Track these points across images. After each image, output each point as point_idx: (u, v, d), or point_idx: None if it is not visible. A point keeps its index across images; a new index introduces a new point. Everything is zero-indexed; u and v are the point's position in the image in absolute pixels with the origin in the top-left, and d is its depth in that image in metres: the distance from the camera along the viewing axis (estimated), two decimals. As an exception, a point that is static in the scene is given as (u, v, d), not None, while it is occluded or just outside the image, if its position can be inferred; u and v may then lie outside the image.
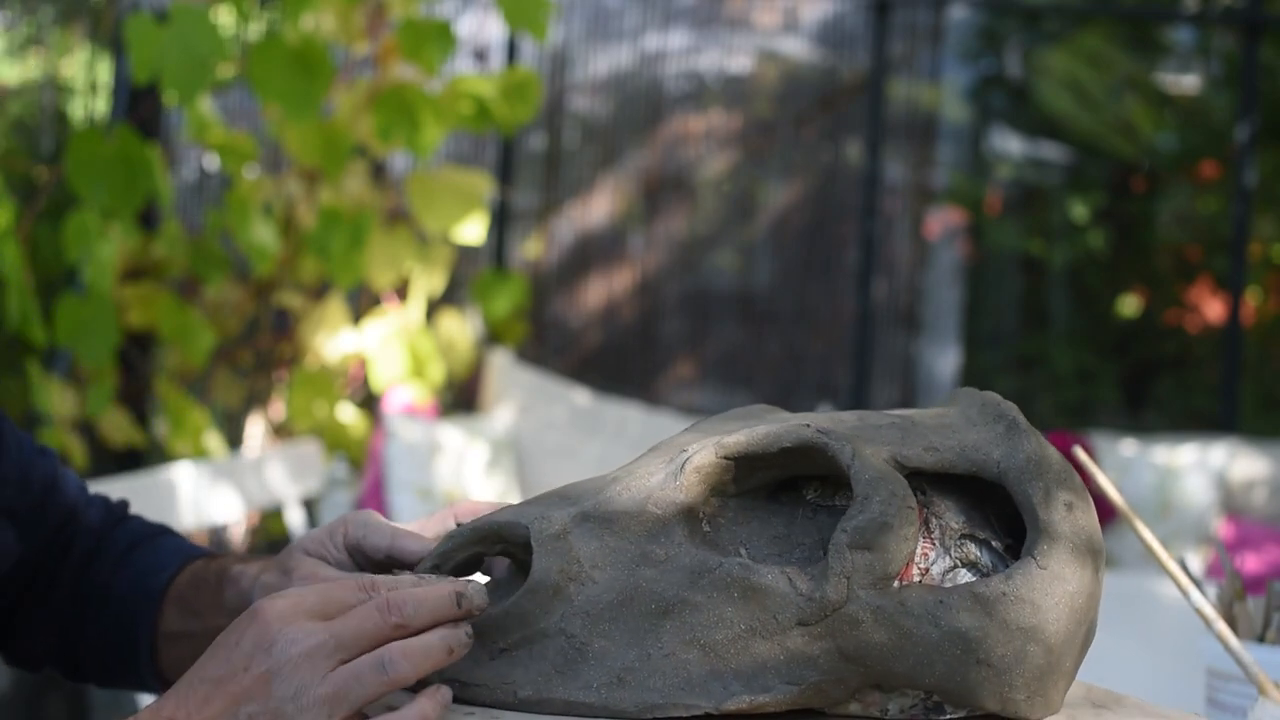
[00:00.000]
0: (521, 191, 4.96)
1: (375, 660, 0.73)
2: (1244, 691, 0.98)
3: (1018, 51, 5.64)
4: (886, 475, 0.78)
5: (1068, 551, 0.79)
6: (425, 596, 0.75)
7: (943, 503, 0.81)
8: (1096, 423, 5.15)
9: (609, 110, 5.05)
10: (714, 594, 0.77)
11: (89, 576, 1.04)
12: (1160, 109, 5.63)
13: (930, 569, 0.79)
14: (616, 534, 0.80)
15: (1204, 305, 5.62)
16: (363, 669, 0.72)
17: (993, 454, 0.81)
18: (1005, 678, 0.77)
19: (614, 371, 4.93)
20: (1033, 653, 0.78)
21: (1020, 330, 5.68)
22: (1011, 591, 0.77)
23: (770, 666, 0.77)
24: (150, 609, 1.01)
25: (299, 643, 0.72)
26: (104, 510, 1.08)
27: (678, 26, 5.02)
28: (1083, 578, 0.80)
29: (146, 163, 2.77)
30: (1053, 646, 0.78)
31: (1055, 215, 5.68)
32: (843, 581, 0.76)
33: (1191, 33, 5.54)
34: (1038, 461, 0.81)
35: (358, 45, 3.37)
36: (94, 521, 1.06)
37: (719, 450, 0.80)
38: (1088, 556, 0.80)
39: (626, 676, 0.78)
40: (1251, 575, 3.34)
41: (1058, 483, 0.81)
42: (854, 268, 4.70)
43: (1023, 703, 0.78)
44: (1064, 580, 0.79)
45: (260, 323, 3.76)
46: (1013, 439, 0.82)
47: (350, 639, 0.73)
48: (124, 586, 1.02)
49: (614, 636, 0.79)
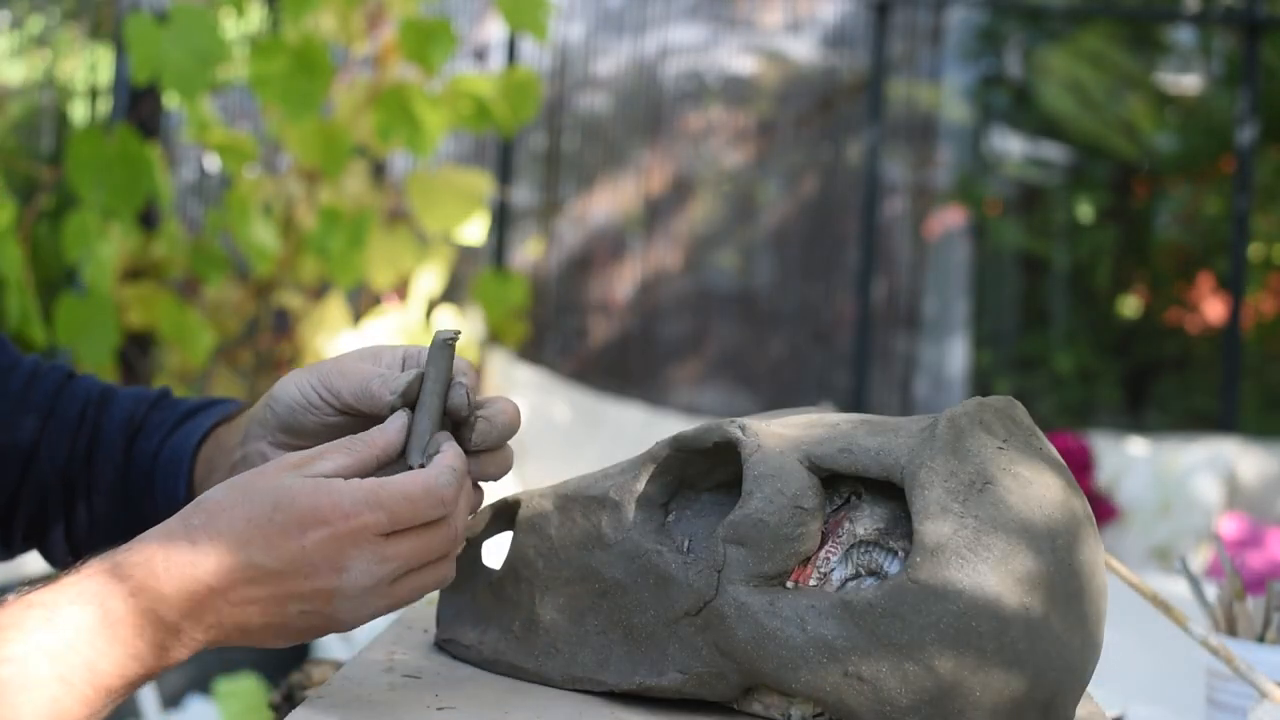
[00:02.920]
0: (521, 191, 4.96)
1: (438, 579, 0.78)
2: (1244, 691, 0.98)
3: (1018, 51, 5.63)
4: (779, 473, 0.77)
5: (955, 569, 0.72)
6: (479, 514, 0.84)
7: (869, 508, 0.78)
8: (1097, 423, 5.15)
9: (610, 110, 5.05)
10: (639, 579, 0.81)
11: (135, 460, 1.00)
12: (1161, 109, 5.63)
13: (830, 574, 0.77)
14: (584, 516, 0.85)
15: (1204, 305, 5.62)
16: (423, 588, 0.77)
17: (901, 459, 0.76)
18: (885, 695, 0.73)
19: (615, 371, 4.93)
20: (913, 672, 0.72)
21: (1021, 330, 5.68)
22: (879, 604, 0.72)
23: (669, 653, 0.80)
24: (184, 467, 0.98)
25: (372, 572, 0.74)
26: (134, 400, 1.03)
27: (679, 26, 5.02)
28: (976, 599, 0.72)
29: (146, 163, 2.77)
30: (939, 669, 0.72)
31: (1056, 215, 5.68)
32: (713, 575, 0.77)
33: (1192, 33, 5.54)
34: (935, 469, 0.74)
35: (358, 45, 3.37)
36: (123, 411, 1.02)
37: (673, 443, 0.83)
38: (994, 579, 0.72)
39: (562, 648, 0.84)
40: (1252, 575, 3.33)
41: (955, 494, 0.73)
42: (854, 268, 4.70)
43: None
44: (945, 599, 0.71)
45: (260, 323, 3.76)
46: (924, 444, 0.75)
47: (417, 562, 0.76)
48: (166, 456, 0.99)
49: (563, 610, 0.85)
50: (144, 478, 0.99)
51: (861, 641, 0.73)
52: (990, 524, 0.72)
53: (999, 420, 0.78)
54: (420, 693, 0.81)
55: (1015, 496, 0.74)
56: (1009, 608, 0.72)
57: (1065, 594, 0.74)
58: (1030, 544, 0.73)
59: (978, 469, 0.74)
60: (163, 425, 1.01)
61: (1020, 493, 0.74)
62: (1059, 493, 0.76)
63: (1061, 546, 0.74)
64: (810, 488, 0.77)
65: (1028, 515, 0.74)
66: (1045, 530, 0.74)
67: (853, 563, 0.77)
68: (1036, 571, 0.73)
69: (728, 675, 0.78)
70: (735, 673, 0.77)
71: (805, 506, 0.76)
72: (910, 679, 0.72)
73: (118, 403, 1.02)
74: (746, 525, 0.76)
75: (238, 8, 3.03)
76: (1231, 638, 1.03)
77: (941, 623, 0.71)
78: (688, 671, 0.79)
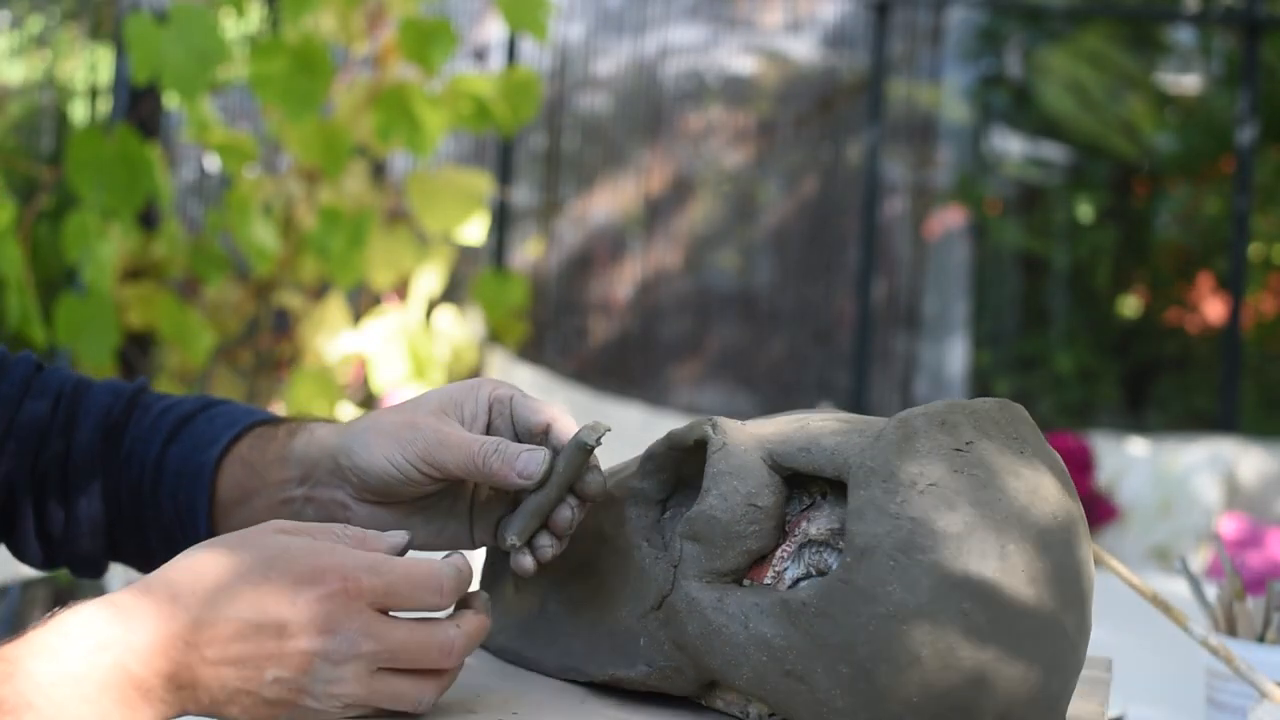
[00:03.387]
0: (521, 191, 4.96)
1: (415, 697, 0.73)
2: (1244, 691, 0.98)
3: (1018, 51, 5.64)
4: (738, 471, 0.77)
5: (885, 570, 0.70)
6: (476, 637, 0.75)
7: (829, 509, 0.77)
8: (1097, 423, 5.15)
9: (610, 110, 5.05)
10: (625, 574, 0.82)
11: (127, 462, 0.96)
12: (1161, 109, 5.63)
13: (784, 573, 0.77)
14: (595, 511, 0.85)
15: (1204, 305, 5.62)
16: (400, 697, 0.72)
17: (851, 458, 0.74)
18: (821, 696, 0.72)
19: (615, 371, 4.93)
20: (846, 674, 0.71)
21: (1021, 330, 5.68)
22: (813, 604, 0.71)
23: (639, 646, 0.80)
24: (204, 483, 0.93)
25: (358, 644, 0.70)
26: (110, 393, 0.99)
27: (679, 26, 5.02)
28: (906, 603, 0.69)
29: (146, 163, 2.77)
30: (873, 673, 0.70)
31: (1056, 215, 5.68)
32: (670, 570, 0.78)
33: (1192, 33, 5.54)
34: (874, 469, 0.73)
35: (358, 45, 3.37)
36: (100, 405, 0.98)
37: (666, 440, 0.83)
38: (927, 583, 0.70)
39: (559, 638, 0.85)
40: (1252, 575, 3.33)
41: (893, 495, 0.72)
42: (854, 268, 4.70)
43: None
44: (874, 601, 0.70)
45: (260, 323, 3.76)
46: (871, 444, 0.74)
47: (406, 660, 0.72)
48: (175, 462, 0.94)
49: (565, 602, 0.86)
50: (145, 483, 0.96)
51: (798, 641, 0.72)
52: (926, 526, 0.70)
53: (975, 422, 0.75)
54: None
55: (963, 500, 0.71)
56: (942, 613, 0.69)
57: (1013, 603, 0.70)
58: (976, 549, 0.70)
59: (923, 471, 0.72)
60: (158, 428, 0.97)
61: (971, 495, 0.71)
62: (1024, 498, 0.73)
63: (1014, 553, 0.71)
64: (768, 486, 0.76)
65: (974, 519, 0.71)
66: (994, 536, 0.71)
67: (804, 562, 0.77)
68: (978, 577, 0.70)
69: (685, 670, 0.78)
70: (691, 668, 0.78)
71: (759, 504, 0.76)
72: (844, 680, 0.71)
73: (93, 396, 0.98)
74: (700, 521, 0.77)
75: (238, 8, 3.03)
76: (1231, 638, 1.03)
77: (871, 625, 0.70)
78: (653, 665, 0.79)
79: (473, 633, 0.75)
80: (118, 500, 0.97)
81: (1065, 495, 0.75)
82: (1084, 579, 0.75)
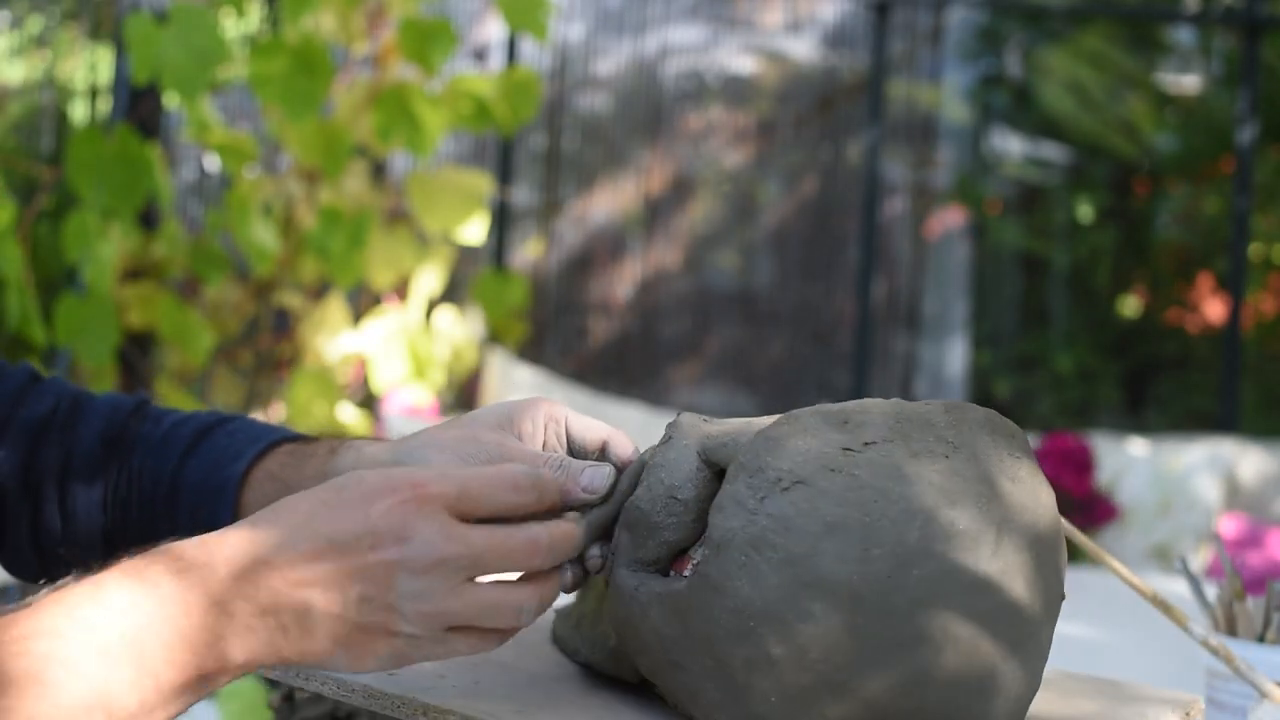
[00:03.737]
0: (521, 191, 4.96)
1: (515, 606, 0.71)
2: (1244, 691, 0.98)
3: (1018, 51, 5.64)
4: (669, 464, 0.77)
5: (736, 566, 0.70)
6: (568, 539, 0.74)
7: None
8: (1097, 423, 5.15)
9: (610, 110, 5.05)
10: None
11: (138, 475, 0.94)
12: (1161, 109, 5.63)
13: (699, 565, 0.78)
14: None
15: (1204, 305, 5.62)
16: (500, 608, 0.71)
17: (737, 451, 0.75)
18: (696, 689, 0.73)
19: (615, 371, 4.93)
20: (712, 668, 0.71)
21: (1021, 330, 5.68)
22: (684, 596, 0.72)
23: (599, 633, 0.84)
24: (229, 497, 0.90)
25: (437, 547, 0.68)
26: (110, 407, 0.97)
27: (679, 26, 5.02)
28: (752, 599, 0.69)
29: (146, 163, 2.77)
30: (731, 669, 0.70)
31: (1056, 215, 5.68)
32: (609, 558, 0.79)
33: (1192, 33, 5.54)
34: (743, 464, 0.72)
35: (358, 45, 3.37)
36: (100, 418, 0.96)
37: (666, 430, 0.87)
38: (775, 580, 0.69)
39: (585, 626, 0.87)
40: (1252, 575, 3.33)
41: (756, 491, 0.71)
42: (854, 268, 4.70)
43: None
44: (723, 595, 0.70)
45: (260, 323, 3.76)
46: (754, 438, 0.74)
47: (490, 564, 0.70)
48: (195, 475, 0.92)
49: (594, 598, 0.89)
50: (159, 496, 0.94)
51: (677, 631, 0.73)
52: (782, 524, 0.69)
53: (899, 424, 0.73)
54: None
55: (830, 500, 0.69)
56: (790, 613, 0.68)
57: (866, 604, 0.68)
58: (833, 550, 0.69)
59: (793, 468, 0.71)
60: (172, 441, 0.95)
61: (843, 496, 0.69)
62: (911, 503, 0.70)
63: (878, 558, 0.68)
64: (692, 480, 0.77)
65: (838, 520, 0.69)
66: (858, 539, 0.69)
67: None
68: (831, 578, 0.68)
69: (624, 656, 0.80)
70: (625, 654, 0.80)
71: (679, 497, 0.76)
72: (710, 673, 0.72)
73: (93, 406, 0.97)
74: (629, 511, 0.78)
75: (238, 8, 3.03)
76: (1231, 638, 1.03)
77: (722, 619, 0.70)
78: (605, 650, 0.82)
79: (559, 536, 0.73)
80: (124, 512, 0.95)
81: (968, 507, 0.71)
82: (953, 593, 0.70)
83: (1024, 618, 0.72)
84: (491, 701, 0.78)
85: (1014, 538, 0.72)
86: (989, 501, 0.71)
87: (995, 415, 0.76)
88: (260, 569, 0.66)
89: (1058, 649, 0.83)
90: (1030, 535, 0.73)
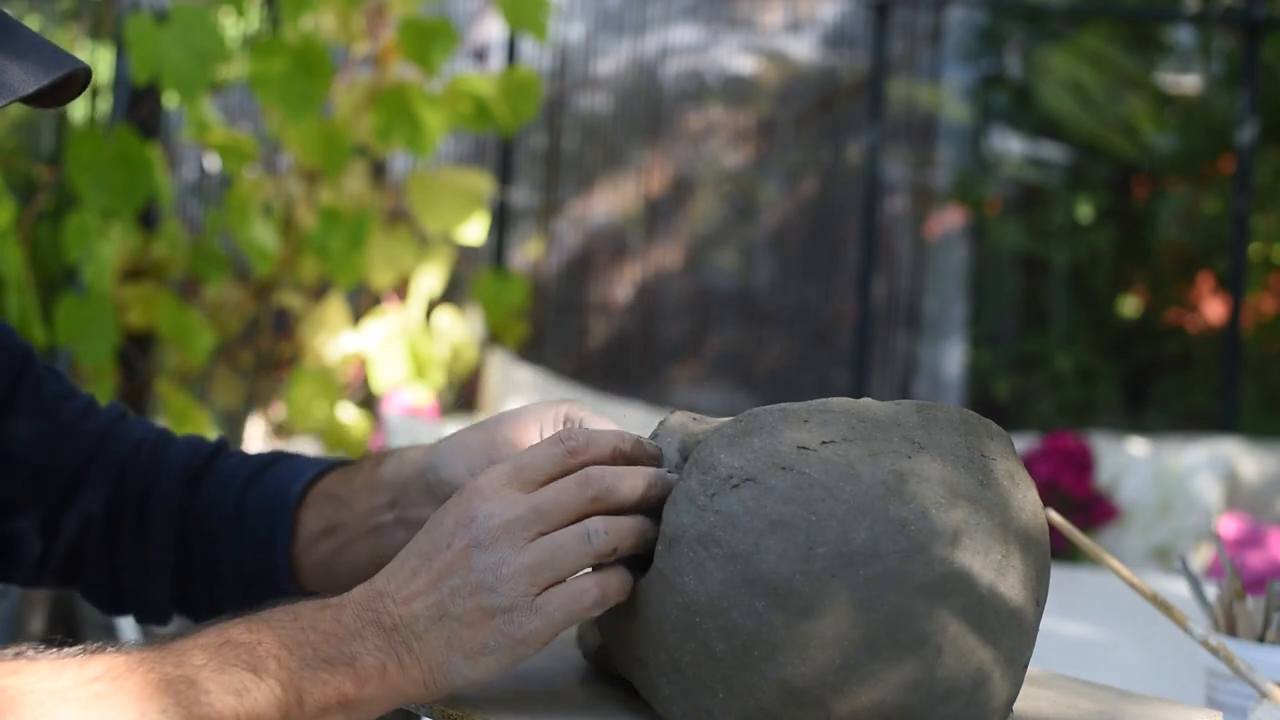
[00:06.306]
0: (521, 191, 4.96)
1: (580, 531, 0.74)
2: (1244, 691, 0.98)
3: (1018, 51, 5.64)
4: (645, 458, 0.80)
5: (685, 561, 0.70)
6: (624, 474, 0.75)
7: None
8: (1097, 423, 5.15)
9: (610, 110, 5.05)
10: None
11: (208, 510, 0.99)
12: (1161, 109, 5.63)
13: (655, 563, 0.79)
14: None
15: (1204, 305, 5.62)
16: (567, 538, 0.73)
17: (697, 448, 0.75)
18: (653, 681, 0.74)
19: (615, 371, 4.93)
20: (665, 661, 0.72)
21: (1021, 330, 5.68)
22: (642, 589, 0.73)
23: (592, 627, 0.86)
24: (286, 516, 0.96)
25: (497, 515, 0.73)
26: (190, 449, 1.02)
27: (679, 26, 5.02)
28: (698, 596, 0.69)
29: (146, 163, 2.77)
30: (680, 663, 0.71)
31: (1055, 215, 5.68)
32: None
33: (1192, 33, 5.54)
34: (698, 461, 0.72)
35: (358, 45, 3.37)
36: (181, 457, 1.01)
37: None
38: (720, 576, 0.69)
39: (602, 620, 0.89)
40: (1252, 575, 3.33)
41: (708, 487, 0.71)
42: (854, 268, 4.70)
43: (678, 716, 0.73)
44: (674, 590, 0.70)
45: (260, 323, 3.76)
46: (711, 434, 0.74)
47: (549, 511, 0.74)
48: (256, 504, 0.98)
49: None
50: (223, 526, 0.98)
51: (637, 625, 0.74)
52: (729, 520, 0.69)
53: (861, 424, 0.72)
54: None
55: (776, 498, 0.69)
56: (734, 609, 0.68)
57: (809, 602, 0.68)
58: (776, 548, 0.68)
59: (745, 465, 0.70)
60: (235, 475, 1.00)
61: (790, 494, 0.69)
62: (860, 503, 0.69)
63: (822, 556, 0.67)
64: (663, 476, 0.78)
65: (784, 518, 0.68)
66: (803, 537, 0.68)
67: None
68: (773, 576, 0.68)
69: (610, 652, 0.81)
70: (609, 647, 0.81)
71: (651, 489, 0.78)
72: (664, 667, 0.72)
73: (176, 448, 1.02)
74: None
75: (238, 8, 3.03)
76: (1231, 638, 1.03)
77: (672, 614, 0.71)
78: (598, 642, 0.83)
79: (608, 470, 0.75)
80: (190, 547, 1.00)
81: (924, 508, 0.69)
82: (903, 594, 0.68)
83: (988, 620, 0.70)
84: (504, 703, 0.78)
85: (978, 539, 0.70)
86: (950, 503, 0.70)
87: (972, 416, 0.75)
88: (374, 598, 0.75)
89: (1058, 649, 0.82)
90: (1000, 537, 0.71)
